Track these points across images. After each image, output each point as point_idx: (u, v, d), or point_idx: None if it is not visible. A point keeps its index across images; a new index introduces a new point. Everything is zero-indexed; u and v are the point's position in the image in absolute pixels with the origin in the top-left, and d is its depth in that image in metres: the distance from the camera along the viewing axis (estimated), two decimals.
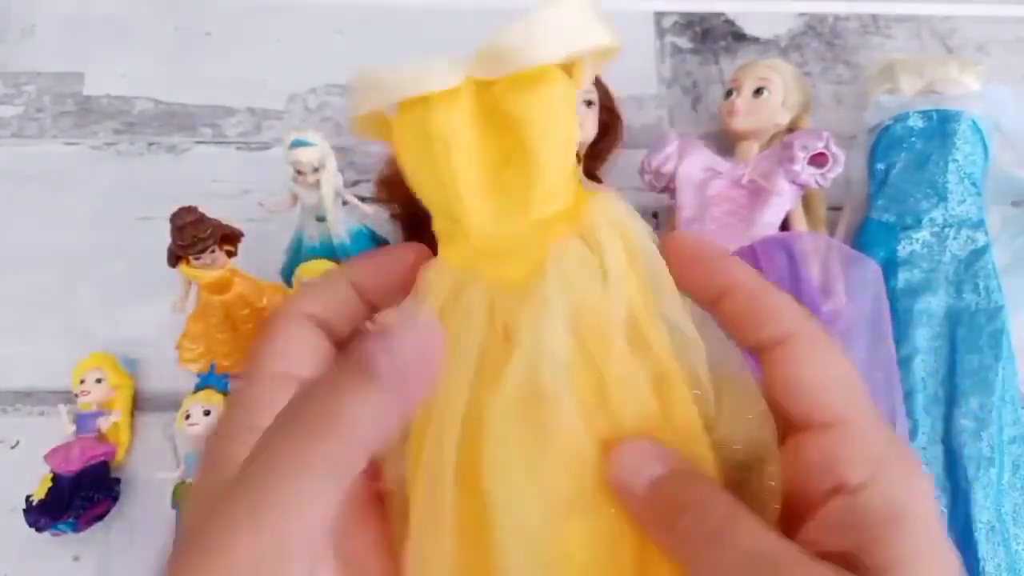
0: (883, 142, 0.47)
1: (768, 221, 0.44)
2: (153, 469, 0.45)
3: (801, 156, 0.44)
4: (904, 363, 0.42)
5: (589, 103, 0.48)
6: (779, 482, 0.20)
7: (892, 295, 0.43)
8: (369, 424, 0.18)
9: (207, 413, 0.43)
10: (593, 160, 0.50)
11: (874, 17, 0.59)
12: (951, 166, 0.45)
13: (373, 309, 0.23)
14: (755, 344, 0.21)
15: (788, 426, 0.21)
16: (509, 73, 0.20)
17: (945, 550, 0.19)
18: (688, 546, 0.19)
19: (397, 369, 0.18)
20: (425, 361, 0.19)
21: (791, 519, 0.20)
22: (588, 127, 0.48)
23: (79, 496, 0.42)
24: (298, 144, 0.42)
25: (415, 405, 0.19)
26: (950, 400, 0.41)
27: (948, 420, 0.41)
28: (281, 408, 0.18)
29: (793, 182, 0.44)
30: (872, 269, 0.42)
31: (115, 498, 0.44)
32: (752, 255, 0.43)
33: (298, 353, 0.22)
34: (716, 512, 0.19)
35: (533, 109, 0.20)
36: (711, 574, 0.19)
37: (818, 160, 0.44)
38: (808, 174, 0.44)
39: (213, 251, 0.42)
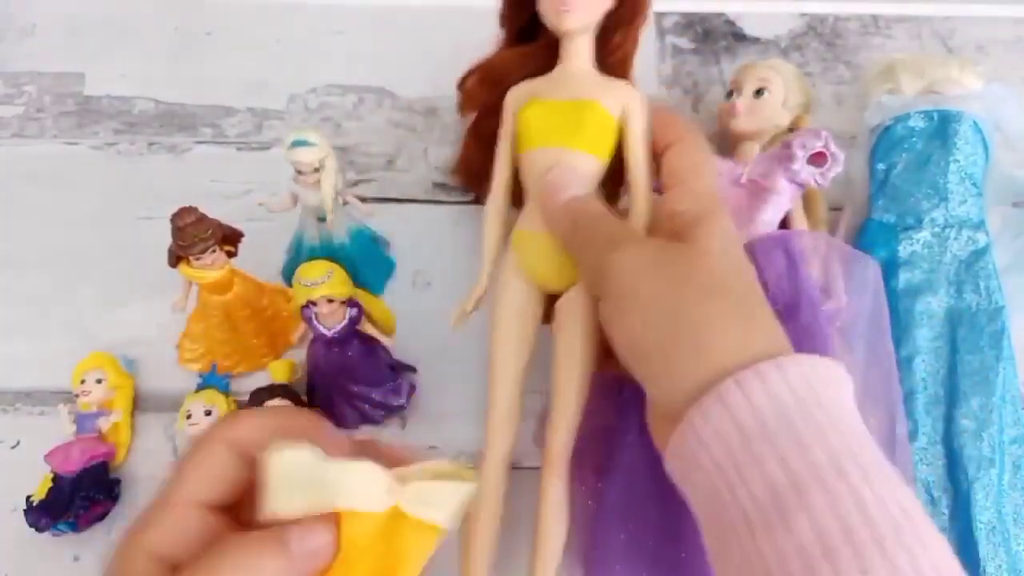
0: (884, 142, 0.47)
1: (767, 220, 0.44)
2: (153, 469, 0.45)
3: (800, 155, 0.44)
4: (905, 363, 0.42)
5: None
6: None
7: (893, 295, 0.43)
8: None
9: (208, 413, 0.43)
10: (608, 37, 0.41)
11: (874, 17, 0.59)
12: (952, 166, 0.45)
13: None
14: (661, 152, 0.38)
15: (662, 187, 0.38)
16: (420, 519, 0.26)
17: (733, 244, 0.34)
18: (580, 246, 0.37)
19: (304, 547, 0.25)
20: (323, 552, 0.25)
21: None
22: (589, 5, 0.39)
23: (79, 496, 0.42)
24: (298, 144, 0.42)
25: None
26: (950, 400, 0.41)
27: (948, 420, 0.41)
28: (182, 538, 0.25)
29: (792, 181, 0.44)
30: (872, 268, 0.42)
31: (115, 498, 0.44)
32: (751, 253, 0.43)
33: (218, 483, 0.26)
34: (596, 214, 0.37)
35: (416, 554, 0.26)
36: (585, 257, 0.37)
37: (817, 159, 0.44)
38: (807, 173, 0.44)
39: (213, 251, 0.42)
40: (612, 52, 0.42)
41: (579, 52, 0.40)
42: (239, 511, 0.27)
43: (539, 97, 0.40)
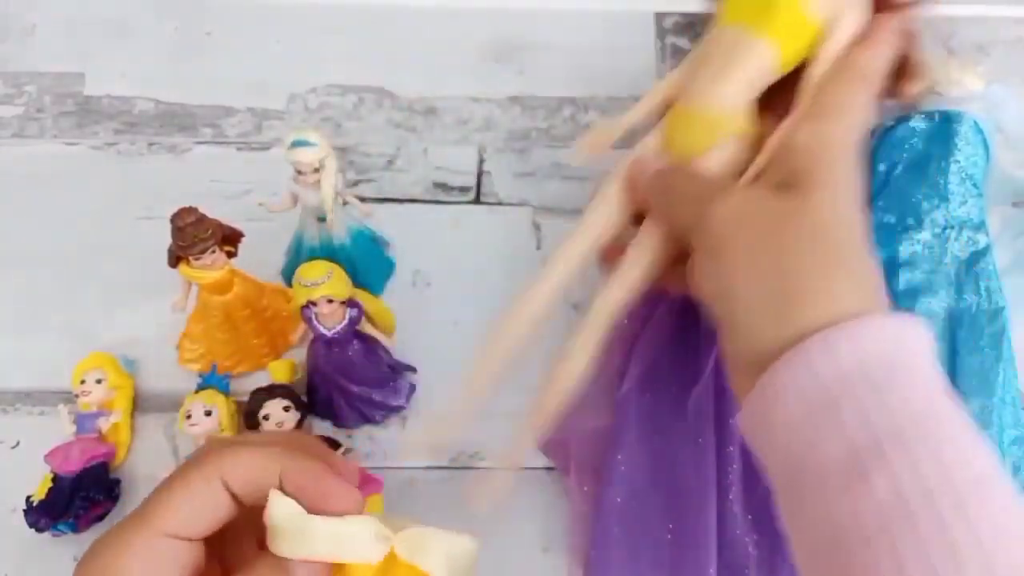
0: (884, 143, 0.47)
1: None
2: (153, 469, 0.45)
3: None
4: None
5: None
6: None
7: (893, 296, 0.43)
8: None
9: (208, 413, 0.43)
10: None
11: None
12: (952, 167, 0.45)
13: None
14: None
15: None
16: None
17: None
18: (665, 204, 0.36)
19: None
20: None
21: None
22: None
23: (79, 496, 0.42)
24: (299, 144, 0.42)
25: None
26: None
27: None
28: (160, 569, 0.25)
29: None
30: None
31: (115, 498, 0.44)
32: None
33: (201, 519, 0.26)
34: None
35: None
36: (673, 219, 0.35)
37: None
38: None
39: (213, 251, 0.42)
40: None
41: None
42: (213, 541, 0.27)
43: None
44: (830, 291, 0.29)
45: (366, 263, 0.48)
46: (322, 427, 0.46)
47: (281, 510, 0.25)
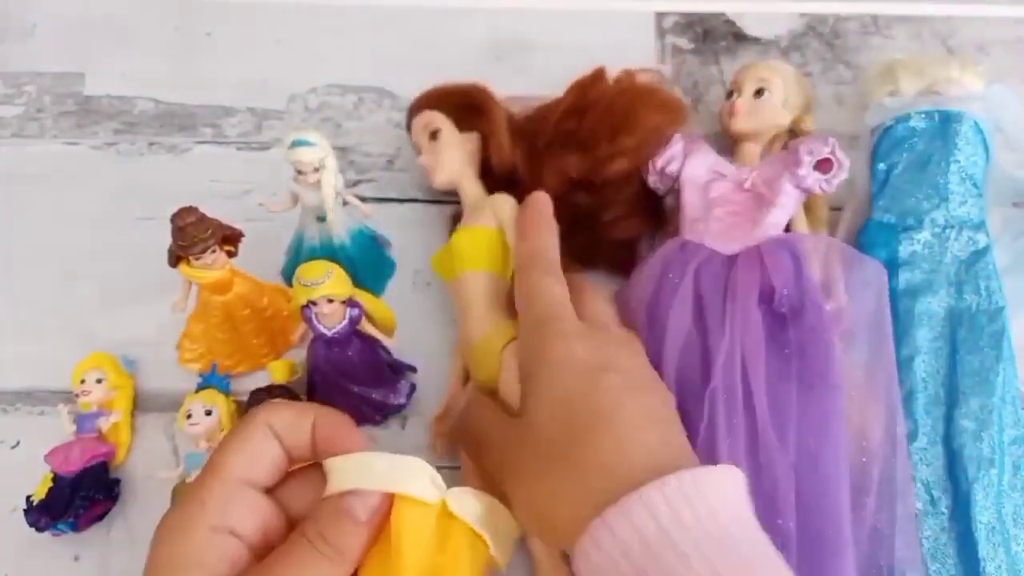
0: (885, 143, 0.47)
1: (774, 223, 0.44)
2: (153, 469, 0.45)
3: (807, 161, 0.44)
4: (905, 364, 0.42)
5: (434, 134, 0.47)
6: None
7: (893, 296, 0.43)
8: None
9: (208, 413, 0.43)
10: (488, 159, 0.48)
11: (874, 18, 0.59)
12: (952, 167, 0.45)
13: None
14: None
15: None
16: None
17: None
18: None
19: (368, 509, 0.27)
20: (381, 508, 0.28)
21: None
22: (442, 163, 0.46)
23: (79, 496, 0.42)
24: (299, 144, 0.42)
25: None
26: (950, 401, 0.41)
27: (948, 421, 0.41)
28: (239, 511, 0.27)
29: (798, 187, 0.44)
30: (874, 269, 0.42)
31: (115, 498, 0.44)
32: (757, 256, 0.43)
33: (261, 463, 0.29)
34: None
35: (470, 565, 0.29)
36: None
37: (823, 166, 0.44)
38: (813, 179, 0.44)
39: (214, 251, 0.42)
40: (495, 167, 0.47)
41: (466, 193, 0.47)
42: (278, 494, 0.30)
43: (445, 247, 0.46)
44: (580, 496, 0.31)
45: (366, 263, 0.48)
46: None
47: (338, 456, 0.28)
